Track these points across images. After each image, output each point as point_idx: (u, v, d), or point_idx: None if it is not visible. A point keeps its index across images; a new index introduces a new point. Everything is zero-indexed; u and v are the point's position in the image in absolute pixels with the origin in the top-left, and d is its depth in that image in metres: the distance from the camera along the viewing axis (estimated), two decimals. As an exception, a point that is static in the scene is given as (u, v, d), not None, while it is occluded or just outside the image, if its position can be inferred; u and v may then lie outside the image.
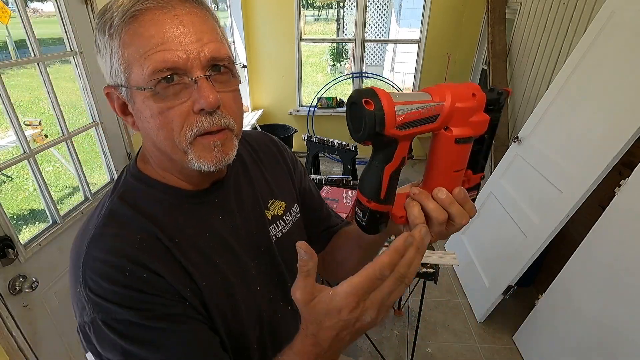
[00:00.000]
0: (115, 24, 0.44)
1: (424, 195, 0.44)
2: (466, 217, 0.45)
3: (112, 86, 0.49)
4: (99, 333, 0.46)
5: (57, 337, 1.35)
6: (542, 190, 1.91)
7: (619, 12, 1.72)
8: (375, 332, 2.13)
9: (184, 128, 0.46)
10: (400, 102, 0.38)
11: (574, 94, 1.91)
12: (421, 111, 0.39)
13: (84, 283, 0.46)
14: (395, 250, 0.39)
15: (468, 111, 0.41)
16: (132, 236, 0.49)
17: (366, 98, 0.37)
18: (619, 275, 1.44)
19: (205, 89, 0.45)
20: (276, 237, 0.67)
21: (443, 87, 0.41)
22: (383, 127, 0.37)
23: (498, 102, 0.44)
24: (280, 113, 4.28)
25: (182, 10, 0.45)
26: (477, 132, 0.43)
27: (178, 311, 0.49)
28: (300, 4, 3.78)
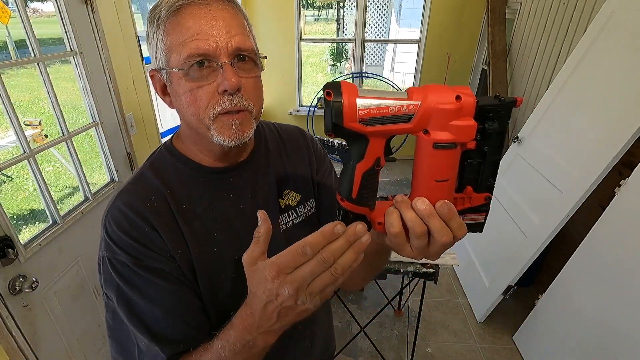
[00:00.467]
0: (162, 16, 0.53)
1: (404, 204, 0.42)
2: (448, 235, 0.41)
3: (156, 69, 0.57)
4: (105, 268, 0.57)
5: (57, 337, 1.35)
6: (542, 190, 1.91)
7: (619, 12, 1.72)
8: (375, 332, 2.13)
9: (208, 106, 0.54)
10: (365, 97, 0.37)
11: (574, 94, 1.91)
12: (389, 108, 0.37)
13: (104, 225, 0.57)
14: (321, 232, 0.40)
15: (448, 113, 0.38)
16: (148, 196, 0.59)
17: (328, 89, 0.37)
18: (619, 275, 1.44)
19: (228, 73, 0.53)
20: (286, 226, 0.69)
21: (429, 87, 0.39)
22: (341, 119, 0.36)
23: (497, 109, 0.40)
24: (280, 113, 4.28)
25: (216, 7, 0.53)
26: (460, 138, 0.38)
27: (165, 268, 0.56)
28: (300, 4, 3.78)
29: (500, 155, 0.43)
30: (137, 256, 0.55)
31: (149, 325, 0.56)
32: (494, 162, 0.43)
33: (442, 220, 0.41)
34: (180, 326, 0.57)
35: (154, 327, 0.56)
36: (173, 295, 0.57)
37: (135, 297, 0.55)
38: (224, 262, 0.61)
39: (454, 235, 0.41)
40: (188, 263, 0.58)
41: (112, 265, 0.56)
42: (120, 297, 0.56)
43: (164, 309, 0.56)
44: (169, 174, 0.62)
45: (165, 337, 0.56)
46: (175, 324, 0.57)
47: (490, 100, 0.40)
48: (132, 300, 0.56)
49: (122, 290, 0.56)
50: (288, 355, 0.72)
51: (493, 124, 0.40)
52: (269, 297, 0.42)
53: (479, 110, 0.39)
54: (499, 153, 0.42)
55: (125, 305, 0.56)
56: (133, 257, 0.55)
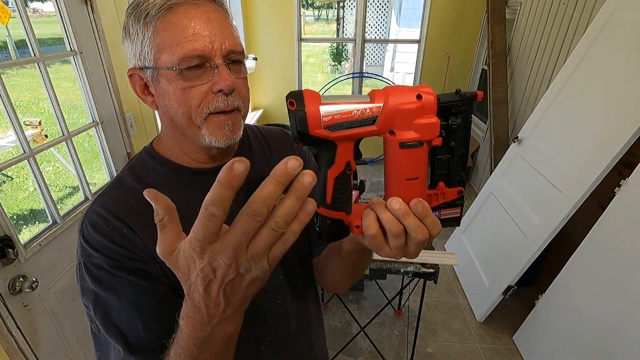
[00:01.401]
0: (152, 13, 0.51)
1: (380, 205, 0.42)
2: (424, 232, 0.41)
3: (138, 68, 0.55)
4: (81, 274, 0.54)
5: (57, 337, 1.35)
6: (542, 190, 1.91)
7: (619, 12, 1.72)
8: (375, 332, 2.13)
9: (201, 105, 0.54)
10: (328, 103, 0.37)
11: (574, 94, 1.92)
12: (353, 112, 0.38)
13: (81, 230, 0.55)
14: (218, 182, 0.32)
15: (411, 113, 0.38)
16: (127, 199, 0.57)
17: (291, 99, 0.37)
18: (619, 275, 1.44)
19: (225, 73, 0.53)
20: None
21: (389, 89, 0.39)
22: (305, 126, 0.37)
23: (458, 105, 0.41)
24: (280, 113, 4.27)
25: (209, 7, 0.53)
26: (425, 136, 0.39)
27: (145, 268, 0.54)
28: (300, 4, 3.78)
29: (467, 149, 0.44)
30: (115, 257, 0.52)
31: (126, 334, 0.52)
32: (461, 155, 0.44)
33: (417, 218, 0.41)
34: (159, 332, 0.52)
35: (130, 336, 0.52)
36: (153, 297, 0.54)
37: (112, 302, 0.52)
38: None
39: (429, 232, 0.42)
40: None
41: (88, 270, 0.53)
42: (97, 303, 0.53)
43: (143, 312, 0.52)
44: (150, 177, 0.61)
45: (142, 345, 0.52)
46: (153, 328, 0.53)
47: (450, 96, 0.41)
48: (109, 307, 0.52)
49: (98, 296, 0.52)
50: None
51: (456, 119, 0.41)
52: (206, 278, 0.35)
53: (440, 107, 0.40)
54: (466, 147, 0.44)
55: (101, 312, 0.53)
56: (111, 259, 0.52)
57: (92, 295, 0.53)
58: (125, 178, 0.60)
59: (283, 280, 0.70)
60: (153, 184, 0.60)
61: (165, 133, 0.62)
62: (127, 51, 0.56)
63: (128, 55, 0.56)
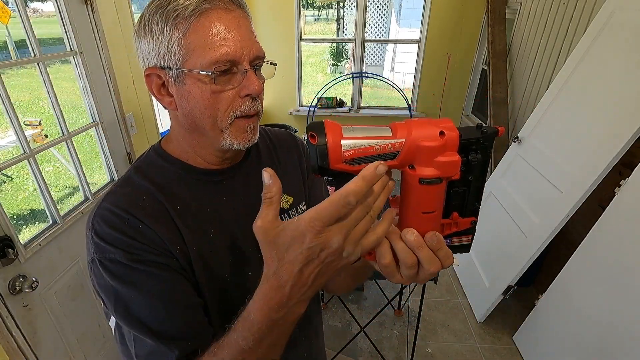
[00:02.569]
0: (184, 14, 0.51)
1: (394, 235, 0.42)
2: (437, 265, 0.42)
3: (159, 67, 0.55)
4: (96, 271, 0.53)
5: (57, 337, 1.35)
6: (542, 190, 1.91)
7: (619, 12, 1.72)
8: (375, 332, 2.13)
9: (228, 109, 0.55)
10: (350, 137, 0.37)
11: (574, 94, 1.91)
12: (374, 147, 0.37)
13: (92, 227, 0.54)
14: (362, 177, 0.36)
15: (433, 151, 0.38)
16: (139, 197, 0.57)
17: (312, 132, 0.37)
18: (619, 275, 1.44)
19: (253, 79, 0.54)
20: None
21: (411, 122, 0.39)
22: (326, 161, 0.36)
23: (480, 142, 0.40)
24: (280, 113, 4.28)
25: (239, 14, 0.54)
26: (445, 173, 0.39)
27: (163, 261, 0.54)
28: (300, 4, 3.78)
29: (484, 181, 0.44)
30: (131, 251, 0.52)
31: (151, 325, 0.52)
32: (478, 188, 0.43)
33: (431, 250, 0.42)
34: (184, 320, 0.54)
35: (156, 326, 0.52)
36: (173, 287, 0.54)
37: (132, 296, 0.52)
38: (220, 264, 0.60)
39: (441, 264, 0.43)
40: (187, 260, 0.56)
41: (104, 266, 0.52)
42: (117, 300, 0.52)
43: (165, 302, 0.53)
44: (159, 176, 0.61)
45: (171, 335, 0.53)
46: (179, 319, 0.54)
47: (472, 132, 0.40)
48: (130, 301, 0.52)
49: (117, 292, 0.52)
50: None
51: (477, 155, 0.41)
52: (309, 257, 0.38)
53: (462, 144, 0.39)
54: (483, 180, 0.43)
55: (122, 307, 0.53)
56: (127, 252, 0.52)
57: (111, 291, 0.53)
58: (133, 177, 0.60)
59: None
60: (164, 183, 0.60)
61: (178, 133, 0.62)
62: (145, 49, 0.55)
63: (145, 52, 0.55)
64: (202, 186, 0.62)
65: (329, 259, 0.39)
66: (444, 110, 4.14)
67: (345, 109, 4.24)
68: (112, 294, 0.53)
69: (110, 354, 1.64)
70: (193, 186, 0.62)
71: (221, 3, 0.52)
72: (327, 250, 0.38)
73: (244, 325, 0.46)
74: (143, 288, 0.52)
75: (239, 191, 0.65)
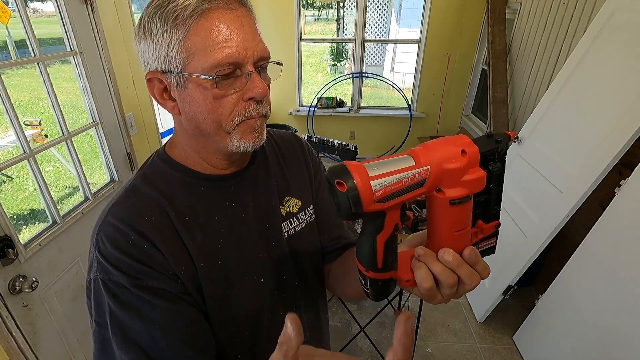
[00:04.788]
0: (182, 16, 0.48)
1: (430, 257, 0.42)
2: (477, 279, 0.42)
3: (160, 71, 0.53)
4: (97, 291, 0.51)
5: (57, 337, 1.35)
6: (542, 190, 1.91)
7: (619, 12, 1.72)
8: (375, 332, 2.13)
9: (232, 113, 0.53)
10: (377, 176, 0.35)
11: (574, 94, 1.91)
12: (403, 181, 0.36)
13: (96, 243, 0.52)
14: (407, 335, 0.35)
15: (459, 171, 0.38)
16: (145, 209, 0.55)
17: (338, 179, 0.35)
18: (619, 275, 1.44)
19: (257, 82, 0.52)
20: (288, 234, 0.68)
21: (429, 146, 0.38)
22: (360, 207, 0.35)
23: (497, 151, 0.41)
24: (280, 113, 4.28)
25: (241, 12, 0.51)
26: (473, 190, 0.39)
27: (167, 287, 0.52)
28: (300, 4, 3.78)
29: (502, 185, 0.44)
30: (135, 275, 0.50)
31: (151, 353, 0.50)
32: (498, 192, 0.44)
33: (470, 266, 0.42)
34: (183, 350, 0.52)
35: (156, 355, 0.51)
36: (177, 317, 0.53)
37: (132, 323, 0.50)
38: (229, 275, 0.59)
39: (480, 277, 0.43)
40: (193, 279, 0.55)
41: (107, 288, 0.50)
42: (114, 322, 0.50)
43: (167, 333, 0.51)
44: (166, 184, 0.58)
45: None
46: (178, 348, 0.52)
47: (488, 143, 0.40)
48: (130, 327, 0.50)
49: (117, 316, 0.50)
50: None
51: (496, 164, 0.41)
52: None
53: (481, 157, 0.39)
54: (502, 184, 0.44)
55: (119, 330, 0.51)
56: (131, 277, 0.50)
57: (109, 313, 0.51)
58: (140, 186, 0.58)
59: (298, 288, 0.69)
60: (171, 192, 0.58)
61: (183, 138, 0.60)
62: (146, 52, 0.52)
63: (146, 55, 0.53)
64: (210, 193, 0.60)
65: None
66: (444, 110, 4.14)
67: (345, 109, 4.25)
68: (109, 315, 0.51)
69: None
70: (200, 193, 0.60)
71: (222, 2, 0.49)
72: None
73: None
74: (145, 317, 0.51)
75: (247, 196, 0.64)
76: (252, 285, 0.61)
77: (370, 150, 4.36)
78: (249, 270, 0.61)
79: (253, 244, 0.62)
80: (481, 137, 0.41)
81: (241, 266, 0.60)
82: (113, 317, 0.51)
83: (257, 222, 0.63)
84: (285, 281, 0.66)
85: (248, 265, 0.61)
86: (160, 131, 2.16)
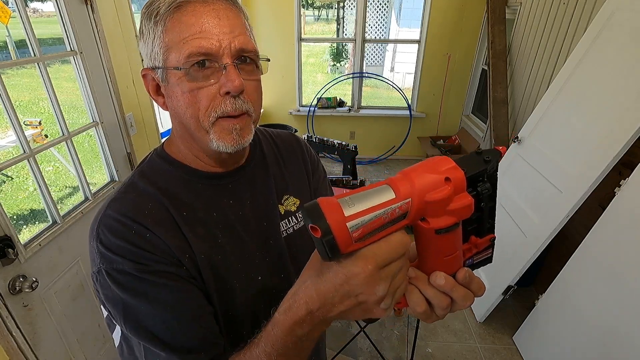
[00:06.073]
0: (161, 12, 0.50)
1: (422, 281, 0.41)
2: (471, 299, 0.42)
3: (150, 68, 0.54)
4: (103, 282, 0.51)
5: (57, 337, 1.35)
6: (542, 190, 1.91)
7: (619, 13, 1.72)
8: (376, 332, 2.13)
9: (209, 108, 0.52)
10: (354, 215, 0.33)
11: (574, 94, 1.91)
12: (382, 217, 0.34)
13: (97, 237, 0.52)
14: None
15: (443, 202, 0.35)
16: (144, 204, 0.55)
17: (312, 224, 0.32)
18: (619, 275, 1.44)
19: (232, 74, 0.50)
20: (287, 232, 0.68)
21: (410, 175, 0.35)
22: (337, 251, 0.33)
23: (486, 171, 0.37)
24: (280, 113, 4.28)
25: (219, 5, 0.51)
26: (461, 217, 0.36)
27: (172, 270, 0.52)
28: (300, 4, 3.78)
29: (495, 200, 0.41)
30: (140, 261, 0.50)
31: (164, 337, 0.50)
32: (491, 208, 0.41)
33: (464, 287, 0.41)
34: (198, 332, 0.52)
35: (169, 338, 0.50)
36: (185, 297, 0.52)
37: (143, 308, 0.50)
38: (228, 271, 0.59)
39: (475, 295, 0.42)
40: (196, 268, 0.55)
41: (112, 277, 0.50)
42: (126, 312, 0.50)
43: (177, 314, 0.51)
44: (164, 181, 0.58)
45: (185, 347, 0.51)
46: (193, 331, 0.52)
47: (475, 163, 0.37)
48: (141, 313, 0.50)
49: (127, 304, 0.50)
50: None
51: (485, 184, 0.38)
52: (352, 293, 0.37)
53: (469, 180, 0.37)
54: (494, 199, 0.41)
55: (133, 320, 0.50)
56: (137, 263, 0.50)
57: (119, 303, 0.51)
58: (138, 183, 0.58)
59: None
60: (169, 189, 0.58)
61: (178, 135, 0.61)
62: (142, 50, 0.55)
63: (142, 54, 0.55)
64: (208, 190, 0.61)
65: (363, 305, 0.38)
66: (444, 110, 4.14)
67: (345, 109, 4.25)
68: (121, 306, 0.50)
69: (110, 354, 1.64)
70: (199, 190, 0.60)
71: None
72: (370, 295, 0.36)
73: (267, 341, 0.44)
74: (154, 300, 0.50)
75: (245, 195, 0.64)
76: (250, 282, 0.61)
77: (370, 150, 4.36)
78: (247, 268, 0.61)
79: (251, 242, 0.62)
80: (469, 155, 0.38)
81: (239, 263, 0.60)
82: (124, 306, 0.50)
83: (255, 220, 0.63)
84: (283, 280, 0.66)
85: (246, 262, 0.61)
86: (160, 131, 2.16)
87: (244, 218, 0.63)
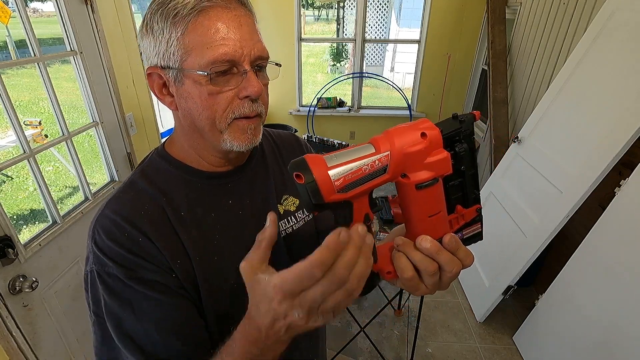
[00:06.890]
0: (182, 13, 0.50)
1: (409, 246, 0.42)
2: (458, 265, 0.42)
3: (159, 67, 0.54)
4: (93, 283, 0.52)
5: (57, 337, 1.35)
6: (542, 190, 1.91)
7: (619, 13, 1.72)
8: (375, 332, 2.13)
9: (226, 111, 0.53)
10: (336, 165, 0.36)
11: (574, 94, 1.91)
12: (363, 168, 0.36)
13: (92, 236, 0.53)
14: (326, 247, 0.34)
15: (420, 154, 0.38)
16: (141, 204, 0.56)
17: (296, 172, 0.35)
18: (619, 275, 1.44)
19: (253, 80, 0.52)
20: (286, 232, 0.68)
21: (390, 133, 0.38)
22: (320, 197, 0.35)
23: (461, 131, 0.40)
24: (280, 113, 4.28)
25: (240, 12, 0.53)
26: (439, 172, 0.39)
27: (161, 280, 0.52)
28: (300, 4, 3.78)
29: (476, 167, 0.43)
30: (130, 267, 0.51)
31: (143, 346, 0.51)
32: (473, 175, 0.43)
33: (450, 252, 0.42)
34: (175, 344, 0.52)
35: (148, 348, 0.51)
36: (170, 310, 0.53)
37: (126, 314, 0.51)
38: (225, 271, 0.59)
39: (462, 264, 0.43)
40: (188, 274, 0.55)
41: (102, 280, 0.51)
42: (109, 314, 0.51)
43: (159, 327, 0.52)
44: (164, 181, 0.59)
45: (159, 357, 0.52)
46: (171, 342, 0.52)
47: (450, 124, 0.41)
48: (124, 319, 0.51)
49: (111, 307, 0.51)
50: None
51: (462, 145, 0.41)
52: (276, 317, 0.39)
53: (445, 139, 0.39)
54: (475, 166, 0.43)
55: (114, 323, 0.51)
56: (126, 269, 0.51)
57: (104, 305, 0.52)
58: (138, 182, 0.58)
59: None
60: (169, 188, 0.58)
61: (181, 135, 0.61)
62: (148, 48, 0.54)
63: (147, 51, 0.54)
64: (208, 190, 0.61)
65: (294, 324, 0.39)
66: (444, 110, 4.14)
67: (345, 109, 4.25)
68: (104, 307, 0.52)
69: None
70: (198, 190, 0.60)
71: (221, 1, 0.51)
72: (289, 317, 0.38)
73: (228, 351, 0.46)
74: (138, 308, 0.51)
75: (244, 194, 0.64)
76: None
77: (370, 150, 4.35)
78: None
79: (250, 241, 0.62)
80: (446, 119, 0.41)
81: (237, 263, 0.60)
82: (108, 308, 0.51)
83: (255, 219, 0.64)
84: None
85: None
86: (160, 131, 2.16)
87: (244, 218, 0.63)
